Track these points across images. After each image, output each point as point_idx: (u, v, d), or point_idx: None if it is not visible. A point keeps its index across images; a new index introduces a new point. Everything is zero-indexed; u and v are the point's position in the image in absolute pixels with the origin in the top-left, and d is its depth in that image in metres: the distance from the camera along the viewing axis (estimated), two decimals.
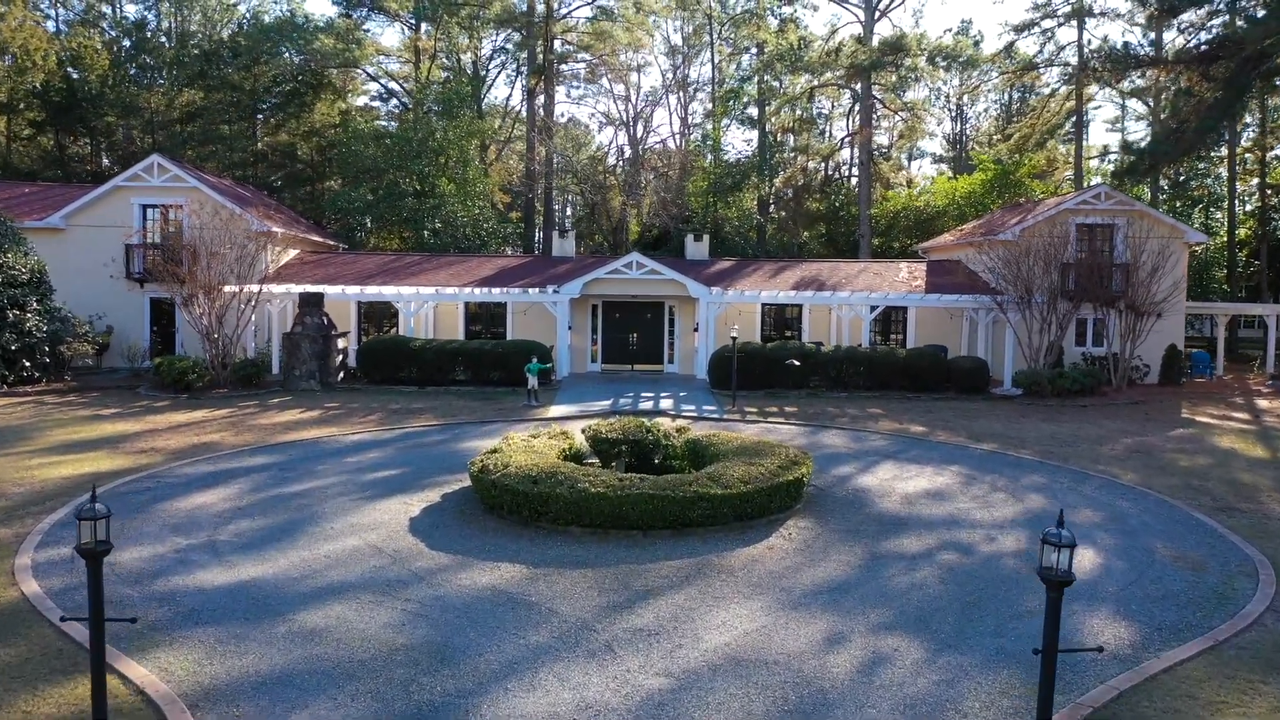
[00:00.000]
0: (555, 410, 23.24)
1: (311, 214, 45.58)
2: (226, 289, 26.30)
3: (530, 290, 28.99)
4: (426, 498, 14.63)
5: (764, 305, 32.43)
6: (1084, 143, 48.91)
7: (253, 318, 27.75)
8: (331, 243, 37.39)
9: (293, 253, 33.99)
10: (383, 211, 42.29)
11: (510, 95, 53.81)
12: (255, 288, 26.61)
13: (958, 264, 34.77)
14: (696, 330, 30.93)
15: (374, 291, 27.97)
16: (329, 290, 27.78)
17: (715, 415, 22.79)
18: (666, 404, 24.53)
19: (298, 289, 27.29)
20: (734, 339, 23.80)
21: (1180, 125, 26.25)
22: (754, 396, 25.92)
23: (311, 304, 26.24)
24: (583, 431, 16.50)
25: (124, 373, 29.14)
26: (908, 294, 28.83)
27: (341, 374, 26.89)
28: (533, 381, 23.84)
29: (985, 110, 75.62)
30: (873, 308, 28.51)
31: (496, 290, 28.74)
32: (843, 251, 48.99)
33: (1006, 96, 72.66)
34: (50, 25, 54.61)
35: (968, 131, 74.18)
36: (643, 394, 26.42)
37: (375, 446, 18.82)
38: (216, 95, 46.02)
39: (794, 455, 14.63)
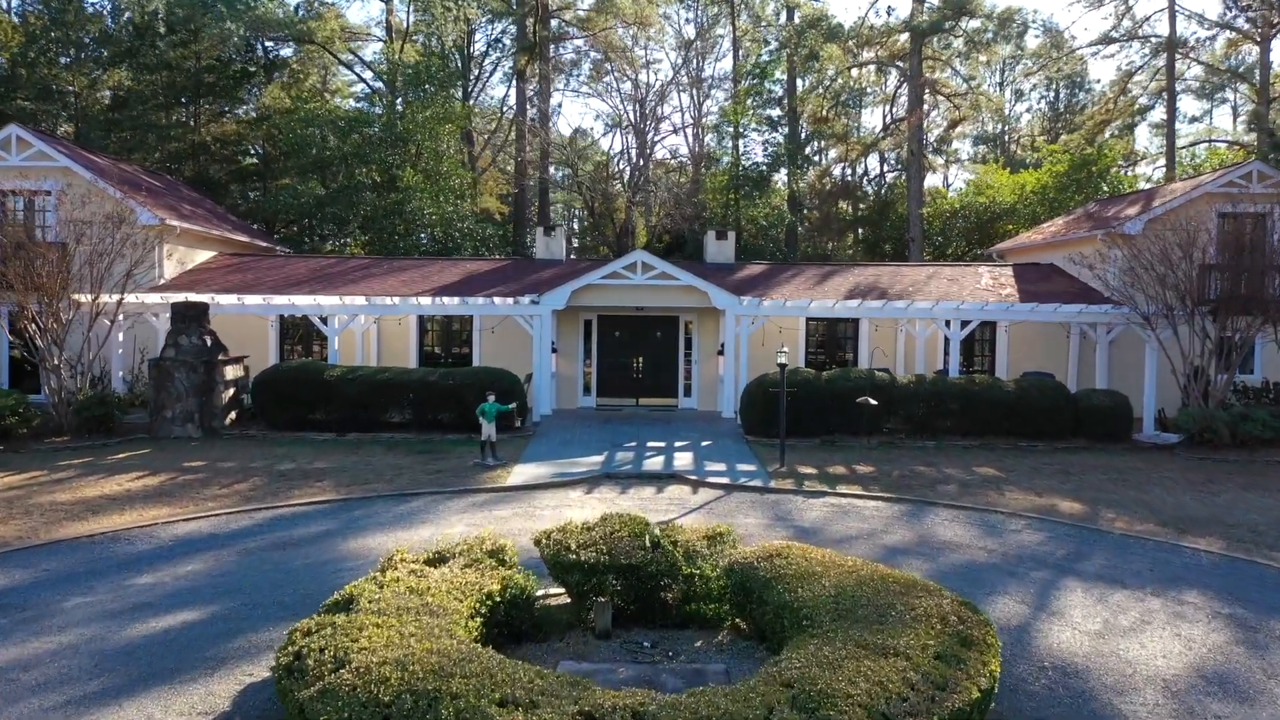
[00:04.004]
0: (519, 472, 15.75)
1: (261, 215, 38.40)
2: (79, 298, 19.07)
3: (497, 300, 21.57)
4: (206, 700, 7.17)
5: (808, 321, 24.94)
6: (1176, 126, 41.34)
7: (119, 338, 20.46)
8: (264, 244, 30.15)
9: (209, 254, 26.77)
10: (338, 210, 35.06)
11: (507, 95, 46.68)
12: (113, 298, 19.30)
13: (1052, 268, 27.24)
14: (721, 353, 23.48)
15: (283, 302, 20.56)
16: (224, 301, 20.47)
17: (757, 482, 15.25)
18: (683, 461, 17.02)
19: (176, 297, 19.96)
20: (782, 365, 16.32)
21: None
22: (806, 447, 18.40)
23: (189, 318, 18.90)
24: (537, 543, 9.03)
25: None
26: (1011, 304, 21.24)
27: (234, 414, 19.50)
28: (488, 430, 16.36)
29: (1029, 108, 68.62)
30: (963, 322, 20.95)
31: (452, 300, 21.32)
32: (887, 258, 41.56)
33: (1053, 92, 65.68)
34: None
35: (1007, 130, 66.92)
36: (649, 443, 18.92)
37: (205, 548, 11.39)
38: (150, 76, 39.01)
39: (952, 616, 7.10)
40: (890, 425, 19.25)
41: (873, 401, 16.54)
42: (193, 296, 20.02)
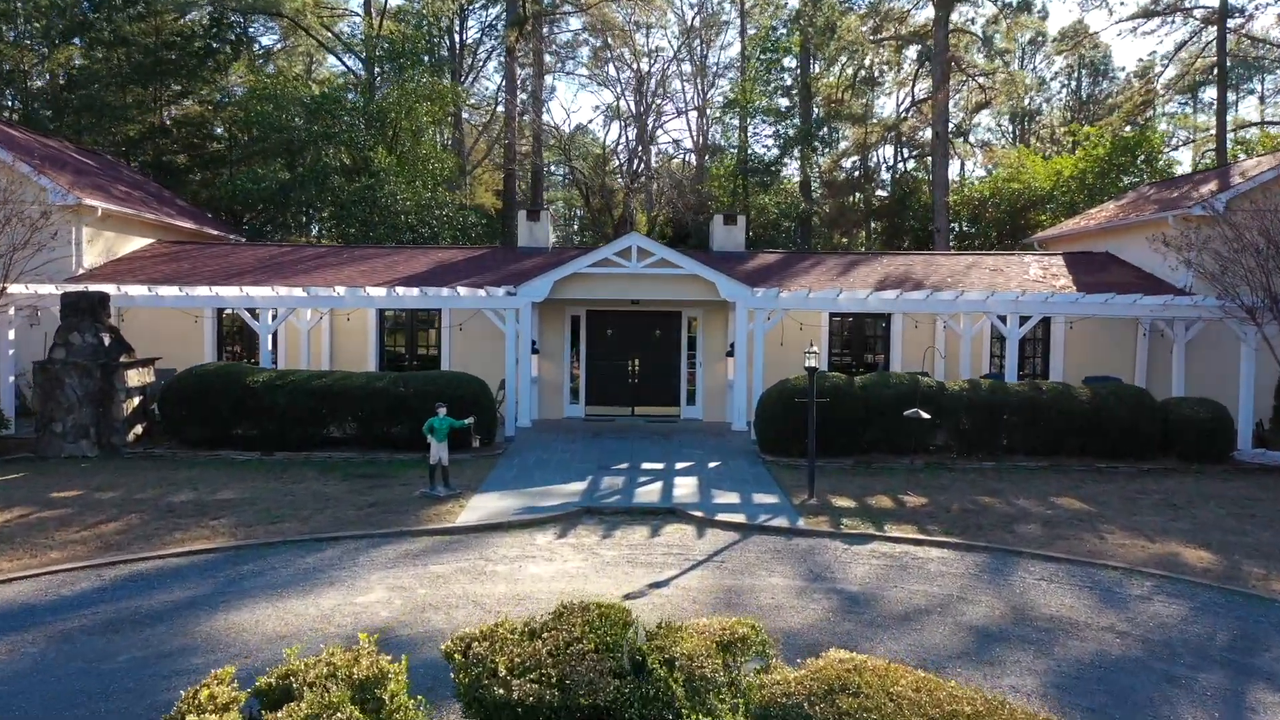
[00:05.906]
0: (476, 506, 12.30)
1: (222, 203, 34.98)
2: None
3: (463, 290, 18.14)
4: None
5: (831, 317, 21.52)
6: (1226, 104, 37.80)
7: (10, 335, 17.06)
8: (214, 232, 26.76)
9: (146, 241, 23.42)
10: (305, 196, 31.69)
11: (502, 85, 43.18)
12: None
13: (1108, 256, 23.79)
14: (731, 354, 20.05)
15: (206, 294, 17.13)
16: (134, 292, 17.06)
17: (782, 520, 11.80)
18: (685, 489, 13.58)
19: (74, 288, 16.52)
20: (812, 369, 12.90)
21: None
22: (837, 470, 14.96)
23: (83, 311, 15.51)
24: (448, 657, 5.58)
25: None
26: (1079, 296, 17.68)
27: (140, 428, 16.09)
28: (438, 451, 12.92)
29: (1049, 97, 65.24)
30: (1022, 318, 17.48)
31: (410, 291, 17.87)
32: (908, 250, 38.06)
33: (1075, 81, 62.30)
34: None
35: (1031, 115, 63.44)
36: (644, 464, 15.48)
37: (3, 630, 8.00)
38: (104, 53, 35.64)
39: None
40: (937, 442, 15.81)
41: (925, 415, 13.10)
42: (94, 286, 16.60)
